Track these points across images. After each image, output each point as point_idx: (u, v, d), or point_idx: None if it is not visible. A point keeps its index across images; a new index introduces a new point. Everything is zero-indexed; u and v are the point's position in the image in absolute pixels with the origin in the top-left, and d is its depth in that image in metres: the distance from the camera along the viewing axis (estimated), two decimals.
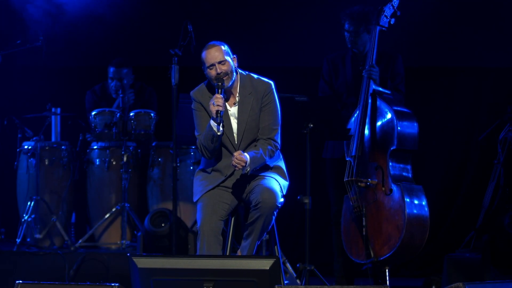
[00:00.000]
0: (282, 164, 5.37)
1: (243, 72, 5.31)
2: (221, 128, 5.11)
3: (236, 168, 5.11)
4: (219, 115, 5.09)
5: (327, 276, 6.30)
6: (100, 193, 7.20)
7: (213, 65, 5.15)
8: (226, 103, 5.26)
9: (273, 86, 5.30)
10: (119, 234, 7.08)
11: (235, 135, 5.26)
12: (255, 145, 5.24)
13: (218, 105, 5.08)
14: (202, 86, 5.32)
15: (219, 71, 5.14)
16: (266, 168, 5.28)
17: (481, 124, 7.43)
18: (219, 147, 5.23)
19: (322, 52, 6.53)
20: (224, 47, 5.20)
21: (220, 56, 5.15)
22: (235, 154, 5.09)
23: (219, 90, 5.13)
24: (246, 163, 5.07)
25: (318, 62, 6.41)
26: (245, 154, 5.11)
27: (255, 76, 5.31)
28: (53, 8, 7.70)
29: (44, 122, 7.22)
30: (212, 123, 5.11)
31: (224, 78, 5.16)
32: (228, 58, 5.18)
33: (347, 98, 6.18)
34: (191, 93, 5.33)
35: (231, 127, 5.25)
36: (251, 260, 4.36)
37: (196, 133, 5.29)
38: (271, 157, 5.25)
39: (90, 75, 7.87)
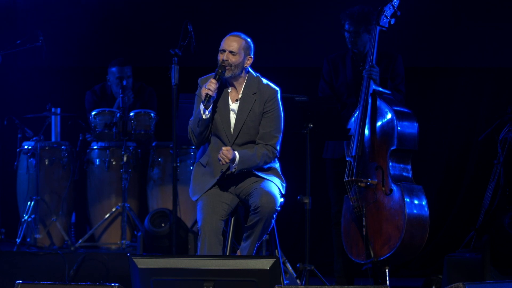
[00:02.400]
0: (277, 165, 5.32)
1: (253, 72, 5.27)
2: (207, 112, 5.08)
3: (220, 163, 5.09)
4: (207, 98, 5.06)
5: (327, 276, 6.30)
6: (100, 193, 7.20)
7: (224, 50, 5.13)
8: (229, 98, 5.22)
9: (278, 94, 5.25)
10: (119, 234, 7.08)
11: (231, 130, 5.22)
12: (252, 147, 5.21)
13: (209, 89, 5.05)
14: (212, 74, 5.25)
15: (225, 58, 5.13)
16: (260, 167, 5.24)
17: (481, 124, 7.43)
18: (206, 135, 5.19)
19: (322, 52, 6.53)
20: (245, 43, 5.16)
21: (234, 46, 5.12)
22: (223, 148, 5.08)
23: (217, 77, 5.11)
24: (234, 161, 5.06)
25: (318, 62, 6.41)
26: (235, 152, 5.09)
27: (264, 80, 5.27)
28: (53, 8, 7.70)
29: (44, 122, 7.21)
30: (201, 105, 5.09)
31: (226, 68, 5.14)
32: (242, 52, 5.14)
33: (347, 98, 6.17)
34: (199, 79, 5.28)
35: (229, 122, 5.21)
36: (251, 260, 4.36)
37: (191, 118, 5.28)
38: (266, 163, 5.19)
39: (90, 75, 7.86)
